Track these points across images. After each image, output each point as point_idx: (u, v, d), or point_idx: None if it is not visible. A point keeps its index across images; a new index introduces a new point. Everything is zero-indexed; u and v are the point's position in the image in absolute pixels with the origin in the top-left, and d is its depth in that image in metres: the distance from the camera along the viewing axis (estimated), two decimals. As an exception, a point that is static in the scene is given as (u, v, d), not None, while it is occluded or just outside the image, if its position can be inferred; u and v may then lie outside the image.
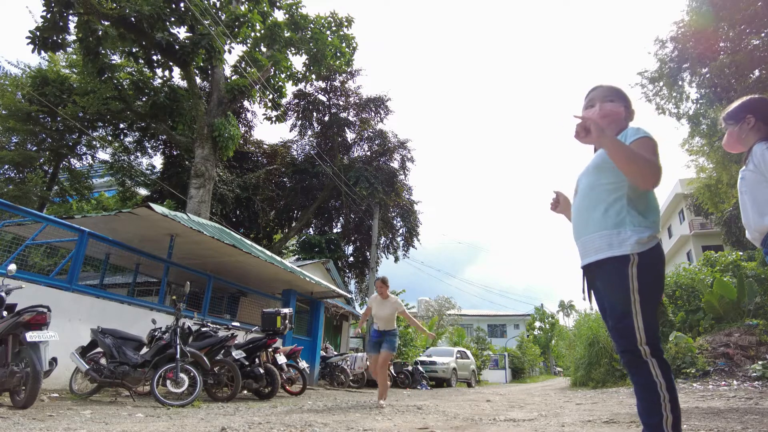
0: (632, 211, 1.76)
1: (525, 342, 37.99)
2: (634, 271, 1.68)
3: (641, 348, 1.65)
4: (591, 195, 1.87)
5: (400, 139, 22.51)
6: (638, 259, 1.69)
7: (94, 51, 12.11)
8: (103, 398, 5.52)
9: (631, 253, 1.69)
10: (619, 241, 1.73)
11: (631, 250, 1.70)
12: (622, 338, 1.70)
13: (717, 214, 16.16)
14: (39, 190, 16.48)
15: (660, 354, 1.66)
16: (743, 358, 8.75)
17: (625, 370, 1.76)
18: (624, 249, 1.71)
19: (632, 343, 1.66)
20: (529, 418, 4.51)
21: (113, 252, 8.79)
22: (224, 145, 13.06)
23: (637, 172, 1.68)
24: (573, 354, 17.15)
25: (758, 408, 4.70)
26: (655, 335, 1.67)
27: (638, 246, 1.69)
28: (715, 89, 10.49)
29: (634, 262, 1.69)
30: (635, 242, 1.70)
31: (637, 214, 1.76)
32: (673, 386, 1.63)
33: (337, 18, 15.96)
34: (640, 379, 1.66)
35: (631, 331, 1.67)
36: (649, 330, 1.65)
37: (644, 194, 1.79)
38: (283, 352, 7.64)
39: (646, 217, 1.76)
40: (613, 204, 1.79)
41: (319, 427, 3.50)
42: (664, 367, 1.64)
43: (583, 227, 1.88)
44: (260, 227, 20.85)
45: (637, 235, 1.71)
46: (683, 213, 28.06)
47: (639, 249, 1.69)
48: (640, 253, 1.69)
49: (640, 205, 1.78)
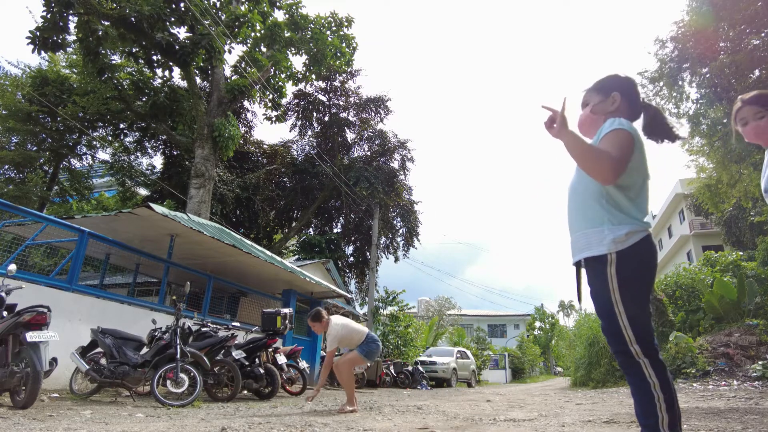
0: (612, 209, 1.71)
1: (525, 342, 37.97)
2: (613, 271, 1.66)
3: (632, 348, 1.62)
4: (575, 194, 1.87)
5: (400, 139, 22.55)
6: (616, 258, 1.65)
7: (94, 51, 12.10)
8: (103, 398, 5.52)
9: (609, 252, 1.66)
10: (598, 240, 1.70)
11: (608, 249, 1.66)
12: (611, 339, 1.69)
13: (717, 214, 16.16)
14: (39, 190, 16.49)
15: (653, 353, 1.62)
16: (743, 358, 8.75)
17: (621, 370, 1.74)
18: (601, 248, 1.68)
19: (622, 344, 1.64)
20: (529, 418, 4.51)
21: (113, 252, 8.79)
22: (224, 145, 13.06)
23: (588, 168, 1.68)
24: (573, 354, 17.16)
25: (758, 408, 4.70)
26: (646, 335, 1.63)
27: (615, 245, 1.66)
28: (715, 89, 10.48)
29: (612, 262, 1.66)
30: (611, 241, 1.66)
31: (618, 212, 1.71)
32: (669, 386, 1.60)
33: (337, 18, 15.96)
34: (635, 379, 1.64)
35: (619, 332, 1.65)
36: (638, 330, 1.62)
37: (627, 190, 1.73)
38: (283, 352, 7.64)
39: (628, 214, 1.70)
40: (592, 202, 1.77)
41: (319, 427, 3.50)
42: (658, 366, 1.61)
43: (570, 225, 1.88)
44: (260, 227, 20.84)
45: (613, 233, 1.67)
46: (683, 213, 28.06)
47: (616, 248, 1.65)
48: (619, 252, 1.65)
49: (622, 201, 1.72)
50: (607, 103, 1.92)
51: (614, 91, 1.92)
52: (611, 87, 1.94)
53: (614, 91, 1.92)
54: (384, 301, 19.76)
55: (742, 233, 19.72)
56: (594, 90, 1.99)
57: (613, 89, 1.93)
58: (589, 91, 2.00)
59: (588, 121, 1.97)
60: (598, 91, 1.97)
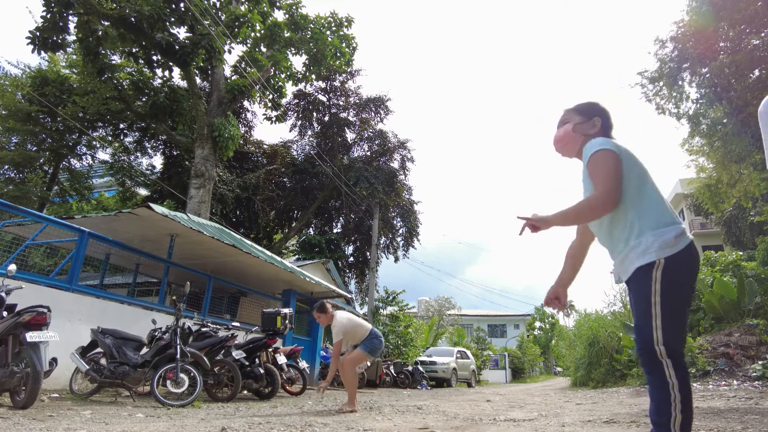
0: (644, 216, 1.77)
1: (525, 342, 37.99)
2: (659, 274, 1.69)
3: (657, 348, 1.65)
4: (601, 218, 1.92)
5: (400, 139, 22.54)
6: (664, 263, 1.69)
7: (94, 51, 12.11)
8: (103, 398, 5.52)
9: (657, 258, 1.69)
10: (643, 249, 1.73)
11: (656, 256, 1.70)
12: (640, 336, 1.72)
13: (717, 214, 16.16)
14: (39, 190, 16.49)
15: (677, 357, 1.65)
16: (743, 358, 8.74)
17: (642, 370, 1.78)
18: (649, 256, 1.71)
19: (649, 342, 1.67)
20: (529, 418, 4.51)
21: (113, 252, 8.79)
22: (224, 145, 13.06)
23: (588, 218, 1.85)
24: (573, 354, 17.16)
25: (758, 408, 4.70)
26: (676, 338, 1.66)
27: (663, 250, 1.69)
28: (715, 89, 10.48)
29: (659, 266, 1.69)
30: (659, 247, 1.70)
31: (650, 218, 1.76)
32: (687, 389, 1.61)
33: (337, 18, 15.96)
34: (655, 378, 1.66)
35: (649, 331, 1.68)
36: (669, 333, 1.65)
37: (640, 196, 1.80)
38: (284, 352, 7.64)
39: (663, 216, 1.76)
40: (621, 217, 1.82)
41: (319, 427, 3.50)
42: (681, 370, 1.63)
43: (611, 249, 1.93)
44: (260, 227, 20.84)
45: (660, 238, 1.71)
46: (683, 213, 28.08)
47: (665, 253, 1.69)
48: (668, 258, 1.69)
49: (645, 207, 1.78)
50: (588, 125, 2.06)
51: (596, 117, 2.06)
52: (594, 112, 2.07)
53: (596, 117, 2.06)
54: (384, 301, 19.76)
55: (742, 233, 19.73)
56: (576, 111, 2.11)
57: (595, 114, 2.07)
58: (570, 111, 2.13)
59: (567, 137, 2.09)
60: (580, 113, 2.09)
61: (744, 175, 11.69)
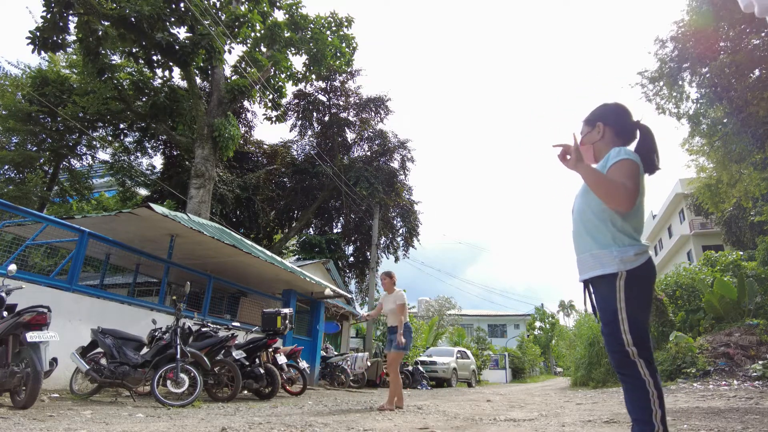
0: (617, 232, 1.87)
1: (525, 342, 37.97)
2: (622, 284, 1.82)
3: (629, 349, 1.78)
4: (583, 217, 2.01)
5: (400, 139, 22.51)
6: (626, 275, 1.82)
7: (94, 51, 12.10)
8: (104, 398, 5.52)
9: (619, 270, 1.83)
10: (608, 260, 1.86)
11: (617, 268, 1.83)
12: (611, 340, 1.85)
13: (717, 213, 16.14)
14: (39, 190, 16.48)
15: (648, 356, 1.78)
16: (744, 358, 8.75)
17: (615, 370, 1.90)
18: (612, 267, 1.84)
19: (620, 345, 1.80)
20: (529, 418, 4.51)
21: (113, 252, 8.78)
22: (224, 145, 13.06)
23: (604, 195, 1.84)
24: (573, 354, 17.18)
25: (759, 408, 4.70)
26: (643, 340, 1.79)
27: (624, 264, 1.82)
28: (715, 89, 10.47)
29: (622, 277, 1.82)
30: (620, 261, 1.83)
31: (623, 234, 1.87)
32: (660, 385, 1.77)
33: (337, 18, 15.95)
34: (629, 378, 1.80)
35: (618, 336, 1.81)
36: (636, 335, 1.78)
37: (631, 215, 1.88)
38: (284, 352, 7.64)
39: (630, 236, 1.88)
40: (601, 226, 1.91)
41: (319, 427, 3.50)
42: (652, 367, 1.78)
43: (578, 246, 2.03)
44: (260, 227, 20.83)
45: (622, 254, 1.84)
46: (683, 213, 28.05)
47: (626, 267, 1.82)
48: (629, 271, 1.82)
49: (626, 224, 1.88)
50: (594, 134, 2.10)
51: (598, 122, 2.09)
52: (596, 118, 2.11)
53: (598, 122, 2.09)
54: (384, 301, 19.70)
55: (742, 233, 19.72)
56: (584, 121, 2.18)
57: (597, 120, 2.10)
58: (583, 122, 2.20)
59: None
60: (587, 122, 2.15)
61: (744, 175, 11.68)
